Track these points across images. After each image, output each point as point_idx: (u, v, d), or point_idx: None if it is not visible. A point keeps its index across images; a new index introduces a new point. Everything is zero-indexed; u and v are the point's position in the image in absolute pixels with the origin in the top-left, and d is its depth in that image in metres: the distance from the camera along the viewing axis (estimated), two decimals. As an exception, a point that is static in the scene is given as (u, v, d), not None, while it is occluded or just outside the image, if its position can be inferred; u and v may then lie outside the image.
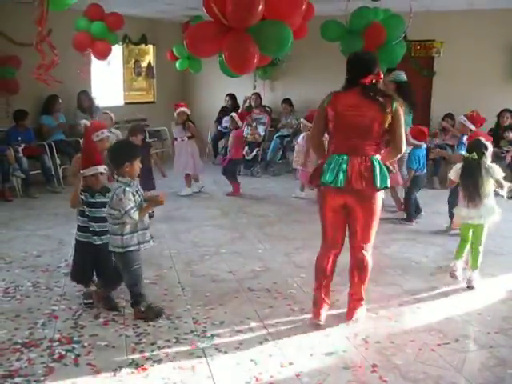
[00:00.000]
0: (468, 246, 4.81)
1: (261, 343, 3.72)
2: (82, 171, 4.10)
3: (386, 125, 3.70)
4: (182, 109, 7.87)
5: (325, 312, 3.97)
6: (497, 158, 5.93)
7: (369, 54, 4.08)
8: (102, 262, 4.23)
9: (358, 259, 3.94)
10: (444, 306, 4.33)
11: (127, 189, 3.84)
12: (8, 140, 8.10)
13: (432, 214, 6.94)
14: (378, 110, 3.68)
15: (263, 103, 10.68)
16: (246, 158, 9.37)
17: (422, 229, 6.47)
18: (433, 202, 7.34)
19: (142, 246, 3.99)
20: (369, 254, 3.96)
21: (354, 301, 4.07)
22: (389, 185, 3.80)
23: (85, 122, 6.30)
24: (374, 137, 3.73)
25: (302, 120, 7.98)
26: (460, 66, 9.24)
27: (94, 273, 4.36)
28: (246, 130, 9.53)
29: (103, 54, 8.27)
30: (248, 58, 4.70)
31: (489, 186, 4.61)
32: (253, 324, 4.00)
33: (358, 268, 3.96)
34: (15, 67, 8.37)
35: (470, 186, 4.61)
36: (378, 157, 3.76)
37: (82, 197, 4.13)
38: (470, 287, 4.67)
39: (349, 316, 4.05)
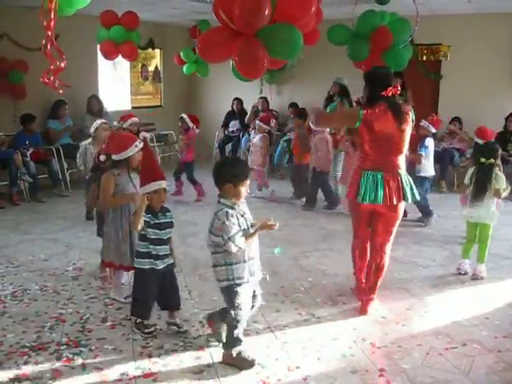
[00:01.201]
0: (474, 246, 5.05)
1: (268, 347, 3.72)
2: (142, 188, 3.77)
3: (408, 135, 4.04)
4: (135, 119, 7.17)
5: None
6: (503, 161, 5.99)
7: (385, 69, 4.39)
8: (167, 287, 3.90)
9: (377, 258, 4.24)
10: (451, 310, 4.32)
11: (230, 211, 3.36)
12: (16, 144, 8.13)
13: (440, 218, 6.91)
14: (405, 123, 3.98)
15: (270, 107, 10.68)
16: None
17: (430, 233, 6.45)
18: (441, 206, 7.32)
19: (251, 278, 3.49)
20: (387, 254, 4.27)
21: (368, 295, 4.27)
22: (418, 197, 4.16)
23: (144, 134, 6.69)
24: (402, 150, 4.04)
25: (257, 122, 8.11)
26: (467, 70, 9.21)
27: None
28: (253, 134, 9.52)
29: (132, 56, 8.37)
30: (257, 63, 4.70)
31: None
32: (260, 327, 4.00)
33: (376, 266, 4.26)
34: (23, 72, 8.42)
35: (480, 187, 4.82)
36: (403, 170, 4.08)
37: (146, 219, 3.71)
38: (476, 278, 4.91)
39: (363, 311, 4.23)
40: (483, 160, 4.84)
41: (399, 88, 4.09)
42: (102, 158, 4.61)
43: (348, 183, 4.48)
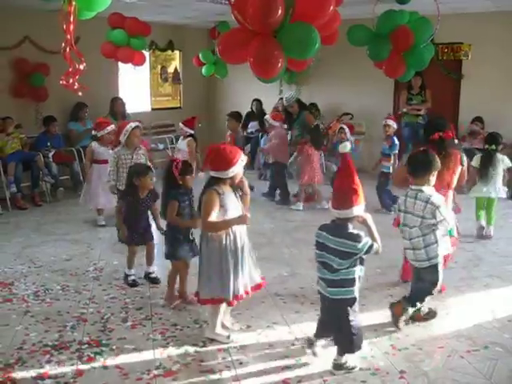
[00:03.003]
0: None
1: (287, 348, 3.72)
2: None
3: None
4: (111, 127, 6.91)
5: None
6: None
7: (440, 119, 4.97)
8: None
9: None
10: (473, 312, 4.27)
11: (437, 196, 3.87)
12: (38, 146, 8.24)
13: (462, 219, 6.82)
14: (452, 163, 4.47)
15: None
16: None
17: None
18: (463, 208, 7.21)
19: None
20: None
21: None
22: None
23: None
24: (450, 185, 4.54)
25: (180, 124, 7.77)
26: (488, 69, 9.10)
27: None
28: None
29: (126, 60, 8.36)
30: (272, 62, 4.68)
31: (497, 171, 6.12)
32: (279, 329, 4.00)
33: None
34: (44, 74, 8.52)
35: (485, 168, 6.13)
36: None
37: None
38: (487, 237, 6.14)
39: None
40: (486, 146, 6.22)
41: (450, 134, 4.60)
42: (202, 175, 4.55)
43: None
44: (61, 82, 3.89)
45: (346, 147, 3.53)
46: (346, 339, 3.37)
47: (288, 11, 4.53)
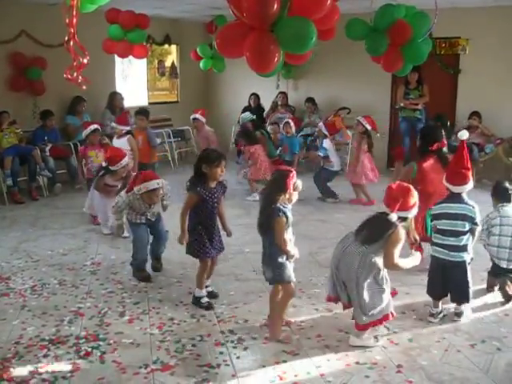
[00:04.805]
0: None
1: (285, 342, 3.72)
2: None
3: None
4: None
5: None
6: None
7: (435, 127, 5.44)
8: None
9: None
10: (470, 307, 4.27)
11: None
12: (35, 140, 8.23)
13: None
14: None
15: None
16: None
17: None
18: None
19: None
20: None
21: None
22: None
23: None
24: None
25: (113, 124, 7.63)
26: (486, 64, 9.08)
27: None
28: (269, 130, 9.52)
29: (121, 53, 8.43)
30: (268, 57, 4.67)
31: None
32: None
33: None
34: (41, 68, 8.50)
35: None
36: None
37: None
38: None
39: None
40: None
41: (445, 143, 5.13)
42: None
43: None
44: (64, 75, 3.87)
45: (465, 135, 4.06)
46: (466, 292, 4.01)
47: (285, 5, 4.51)
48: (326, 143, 7.83)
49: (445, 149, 5.12)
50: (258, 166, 7.93)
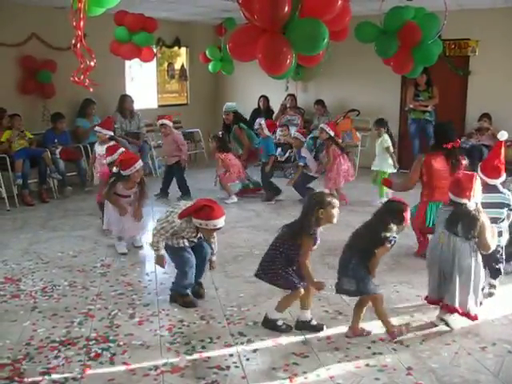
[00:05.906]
0: None
1: (295, 344, 3.72)
2: None
3: None
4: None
5: None
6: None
7: (450, 126, 5.52)
8: None
9: None
10: (481, 309, 4.24)
11: None
12: (45, 142, 8.28)
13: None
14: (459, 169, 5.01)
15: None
16: (279, 159, 9.34)
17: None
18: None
19: None
20: None
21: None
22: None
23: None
24: None
25: (97, 128, 7.05)
26: (496, 65, 9.05)
27: None
28: (279, 132, 9.52)
29: (126, 56, 8.44)
30: (281, 59, 4.68)
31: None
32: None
33: None
34: (51, 71, 8.56)
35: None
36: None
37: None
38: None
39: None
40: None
41: (459, 143, 5.41)
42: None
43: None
44: (71, 79, 3.90)
45: (504, 135, 4.41)
46: (499, 269, 4.48)
47: (296, 7, 4.52)
48: (303, 151, 7.92)
49: (457, 149, 5.35)
50: (232, 171, 7.94)
